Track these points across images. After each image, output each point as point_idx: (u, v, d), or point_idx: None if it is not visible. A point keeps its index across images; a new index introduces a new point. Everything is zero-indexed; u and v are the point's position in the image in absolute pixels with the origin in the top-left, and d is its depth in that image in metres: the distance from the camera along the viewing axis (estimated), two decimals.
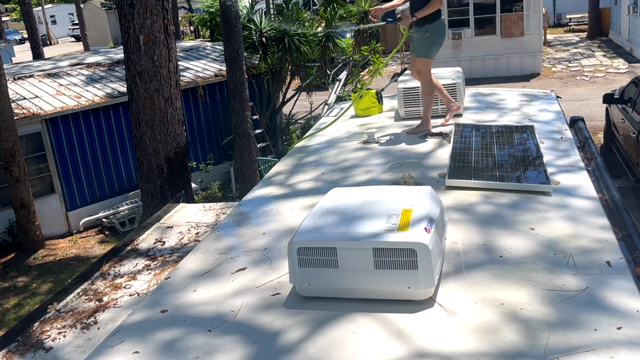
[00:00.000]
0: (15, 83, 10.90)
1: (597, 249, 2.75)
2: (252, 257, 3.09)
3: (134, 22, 6.64)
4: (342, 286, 2.45)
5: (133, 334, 2.49)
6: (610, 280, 2.46)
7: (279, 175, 4.44)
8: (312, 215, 2.70)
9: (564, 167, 3.92)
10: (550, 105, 5.63)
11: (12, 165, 9.26)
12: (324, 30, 11.85)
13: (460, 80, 5.36)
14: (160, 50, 6.76)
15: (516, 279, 2.53)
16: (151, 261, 3.79)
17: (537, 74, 17.53)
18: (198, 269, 3.05)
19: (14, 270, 9.29)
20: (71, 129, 10.32)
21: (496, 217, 3.18)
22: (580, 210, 3.22)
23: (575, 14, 25.83)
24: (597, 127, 11.68)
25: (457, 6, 17.79)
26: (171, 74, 6.93)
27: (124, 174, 11.07)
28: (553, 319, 2.22)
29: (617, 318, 2.20)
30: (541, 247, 2.80)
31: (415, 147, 4.62)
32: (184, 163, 7.26)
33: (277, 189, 4.15)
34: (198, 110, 11.91)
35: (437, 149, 4.51)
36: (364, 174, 4.17)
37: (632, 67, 17.27)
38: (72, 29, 43.24)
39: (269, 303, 2.59)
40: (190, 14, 26.94)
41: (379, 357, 2.12)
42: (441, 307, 2.37)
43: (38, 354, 2.87)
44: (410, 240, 2.34)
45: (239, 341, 2.32)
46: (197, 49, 13.77)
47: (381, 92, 6.06)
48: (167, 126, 6.97)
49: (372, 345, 2.18)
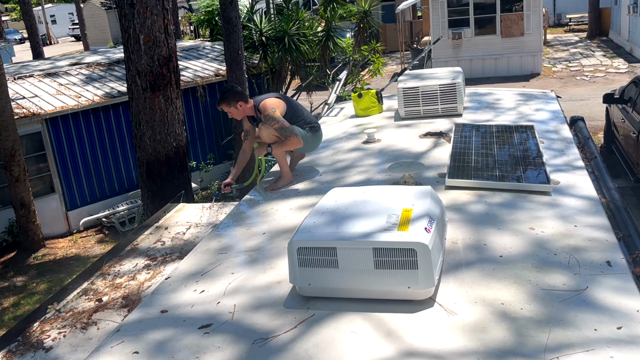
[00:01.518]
0: (15, 83, 10.90)
1: (597, 249, 2.75)
2: (252, 257, 3.10)
3: (134, 22, 6.64)
4: (342, 286, 2.45)
5: (133, 334, 2.49)
6: (610, 280, 2.46)
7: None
8: (312, 215, 2.70)
9: (564, 167, 3.92)
10: (550, 105, 5.63)
11: (12, 165, 9.26)
12: (324, 29, 11.86)
13: (460, 80, 5.36)
14: (160, 50, 6.76)
15: (516, 279, 2.53)
16: (151, 261, 3.79)
17: (537, 74, 17.52)
18: (198, 269, 3.05)
19: (14, 269, 9.28)
20: (71, 128, 10.31)
21: (496, 217, 3.18)
22: (580, 210, 3.22)
23: (575, 14, 25.83)
24: (597, 127, 11.68)
25: (457, 6, 17.79)
26: (171, 73, 6.93)
27: (124, 174, 11.07)
28: (553, 319, 2.22)
29: (617, 318, 2.20)
30: (541, 247, 2.80)
31: (415, 147, 4.62)
32: (184, 163, 7.26)
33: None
34: (198, 110, 11.91)
35: (437, 149, 4.51)
36: (364, 173, 4.17)
37: (632, 67, 17.26)
38: (72, 28, 43.23)
39: (268, 303, 2.59)
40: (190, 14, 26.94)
41: (379, 356, 2.12)
42: (441, 307, 2.37)
43: (38, 354, 2.87)
44: (410, 240, 2.34)
45: (238, 341, 2.32)
46: (197, 49, 13.76)
47: (381, 92, 6.05)
48: (167, 126, 6.96)
49: (372, 345, 2.18)
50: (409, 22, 23.85)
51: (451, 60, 17.35)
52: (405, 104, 5.43)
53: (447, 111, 5.36)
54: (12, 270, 9.26)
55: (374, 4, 12.76)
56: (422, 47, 23.08)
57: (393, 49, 22.10)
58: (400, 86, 5.46)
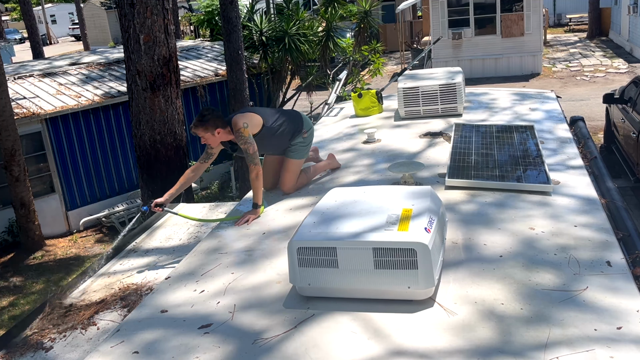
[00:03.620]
0: (15, 82, 10.90)
1: (597, 249, 2.75)
2: (252, 257, 3.10)
3: (134, 22, 6.64)
4: (342, 286, 2.45)
5: (133, 334, 2.49)
6: (610, 280, 2.46)
7: None
8: (312, 215, 2.70)
9: (564, 167, 3.92)
10: (550, 105, 5.63)
11: (12, 165, 9.26)
12: (324, 29, 11.86)
13: (460, 80, 5.36)
14: (160, 50, 6.76)
15: (516, 279, 2.53)
16: (151, 261, 3.79)
17: (537, 74, 17.52)
18: (197, 269, 3.05)
19: (14, 269, 9.28)
20: (71, 128, 10.31)
21: (496, 217, 3.18)
22: (580, 210, 3.22)
23: (575, 14, 25.83)
24: (597, 127, 11.67)
25: (457, 6, 17.79)
26: (171, 73, 6.93)
27: (124, 174, 11.07)
28: (553, 319, 2.22)
29: (617, 318, 2.20)
30: (541, 247, 2.80)
31: (415, 147, 4.62)
32: (184, 163, 7.26)
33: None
34: (198, 109, 11.90)
35: (437, 149, 4.51)
36: (364, 173, 4.17)
37: (632, 67, 17.26)
38: (72, 28, 43.23)
39: (268, 303, 2.59)
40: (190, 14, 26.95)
41: (379, 356, 2.12)
42: (441, 307, 2.37)
43: (38, 353, 2.87)
44: (410, 240, 2.34)
45: (238, 341, 2.32)
46: (197, 49, 13.76)
47: (381, 92, 6.05)
48: (167, 126, 6.96)
49: (372, 345, 2.18)
50: (409, 22, 23.86)
51: (451, 60, 17.35)
52: (405, 104, 5.43)
53: (447, 111, 5.36)
54: (12, 270, 9.26)
55: (374, 4, 12.76)
56: (422, 47, 23.07)
57: (393, 49, 22.11)
58: (400, 86, 5.45)
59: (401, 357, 2.10)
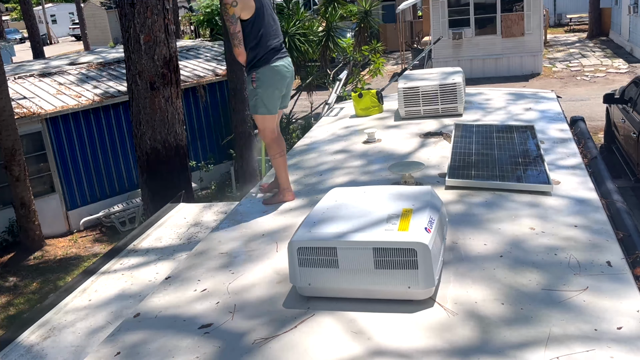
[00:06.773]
0: (16, 82, 10.90)
1: (597, 249, 2.75)
2: (252, 257, 3.10)
3: (134, 22, 6.64)
4: (342, 286, 2.45)
5: (133, 334, 2.49)
6: (610, 280, 2.46)
7: None
8: (312, 215, 2.70)
9: (564, 167, 3.92)
10: (551, 105, 5.62)
11: (13, 165, 9.26)
12: (324, 29, 11.86)
13: (460, 80, 5.36)
14: (160, 50, 6.76)
15: (517, 279, 2.53)
16: (151, 261, 3.79)
17: (537, 74, 17.53)
18: (197, 269, 3.05)
19: (14, 269, 9.29)
20: (71, 128, 10.32)
21: (496, 217, 3.18)
22: (581, 210, 3.22)
23: (575, 14, 25.84)
24: (597, 127, 11.68)
25: (457, 6, 17.79)
26: (171, 73, 6.93)
27: (124, 174, 11.07)
28: (553, 319, 2.22)
29: (617, 318, 2.20)
30: (541, 247, 2.80)
31: (415, 147, 4.62)
32: (184, 163, 7.26)
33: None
34: (198, 109, 11.91)
35: (437, 149, 4.51)
36: (364, 173, 4.17)
37: (632, 67, 17.26)
38: (73, 28, 43.26)
39: (268, 303, 2.59)
40: (190, 14, 26.95)
41: (379, 356, 2.12)
42: (441, 307, 2.37)
43: (38, 353, 2.87)
44: (411, 240, 2.34)
45: (238, 341, 2.32)
46: (198, 49, 13.76)
47: (381, 92, 6.05)
48: (167, 126, 6.96)
49: (372, 345, 2.18)
50: (410, 22, 23.86)
51: (451, 60, 17.35)
52: (406, 104, 5.43)
53: (448, 111, 5.36)
54: (12, 270, 9.26)
55: (375, 4, 12.76)
56: (422, 47, 23.07)
57: (393, 49, 22.11)
58: (400, 86, 5.45)
59: (401, 357, 2.10)
